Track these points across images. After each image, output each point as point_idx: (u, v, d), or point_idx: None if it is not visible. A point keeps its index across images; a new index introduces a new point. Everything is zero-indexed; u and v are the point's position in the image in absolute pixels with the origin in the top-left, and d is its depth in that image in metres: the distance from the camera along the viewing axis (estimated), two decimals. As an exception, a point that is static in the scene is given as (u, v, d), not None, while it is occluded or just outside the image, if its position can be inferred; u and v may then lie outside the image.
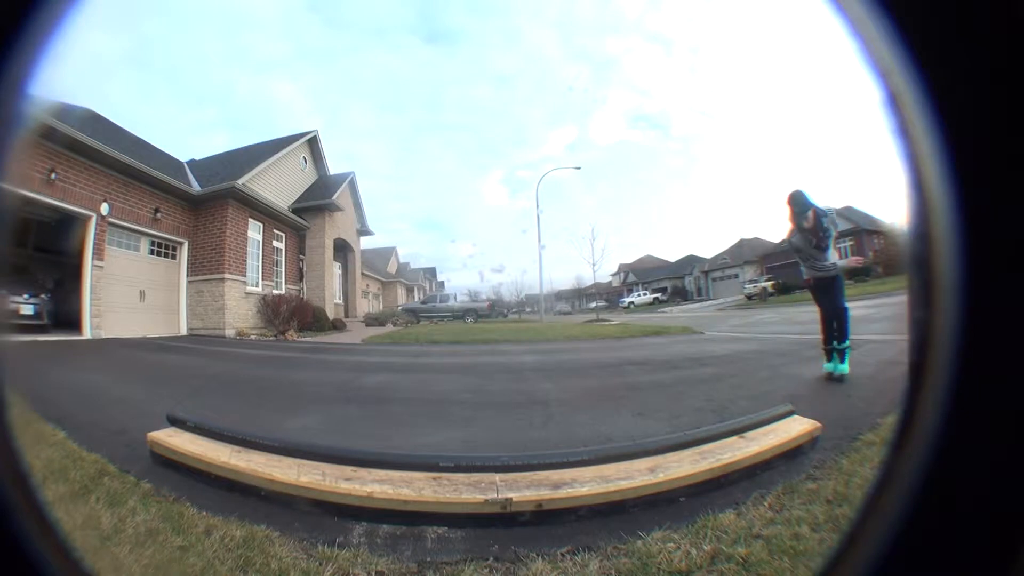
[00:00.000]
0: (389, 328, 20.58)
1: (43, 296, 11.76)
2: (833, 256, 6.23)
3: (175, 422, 3.71)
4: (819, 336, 6.11)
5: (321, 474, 2.98)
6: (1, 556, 0.74)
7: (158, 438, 3.51)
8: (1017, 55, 0.59)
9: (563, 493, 2.76)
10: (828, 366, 5.86)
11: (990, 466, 0.62)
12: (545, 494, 2.74)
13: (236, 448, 3.32)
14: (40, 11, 0.73)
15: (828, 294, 6.21)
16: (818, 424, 3.44)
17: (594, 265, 28.45)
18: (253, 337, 16.09)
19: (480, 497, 2.71)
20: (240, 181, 16.63)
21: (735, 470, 3.04)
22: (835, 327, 6.01)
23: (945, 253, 0.64)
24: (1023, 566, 0.60)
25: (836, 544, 0.82)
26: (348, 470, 3.02)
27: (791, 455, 3.23)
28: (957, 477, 0.64)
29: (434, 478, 2.91)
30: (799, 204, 6.15)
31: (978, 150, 0.62)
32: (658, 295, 34.04)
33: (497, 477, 2.91)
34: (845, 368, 5.70)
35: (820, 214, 6.09)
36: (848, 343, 5.88)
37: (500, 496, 2.71)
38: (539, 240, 25.28)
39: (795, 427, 3.46)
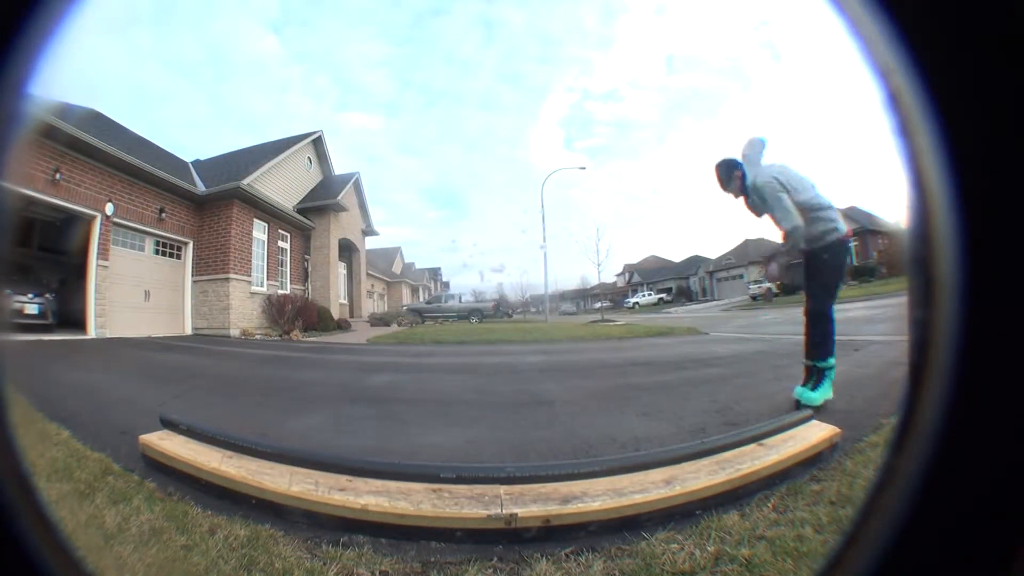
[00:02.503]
0: (394, 328, 20.63)
1: (48, 296, 11.82)
2: (792, 220, 4.46)
3: (168, 424, 3.63)
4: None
5: (314, 483, 2.84)
6: (1, 556, 0.74)
7: (150, 441, 3.42)
8: (1017, 55, 0.59)
9: (573, 508, 2.59)
10: (798, 391, 4.44)
11: (990, 466, 0.62)
12: (553, 509, 2.58)
13: (228, 453, 3.21)
14: (40, 11, 0.73)
15: (803, 284, 4.69)
16: (837, 429, 3.31)
17: (599, 265, 28.51)
18: (258, 337, 16.14)
19: (483, 512, 2.56)
20: (245, 181, 16.69)
21: (754, 480, 2.89)
22: (815, 335, 4.55)
23: (945, 253, 0.64)
24: (1023, 566, 0.60)
25: (837, 544, 0.82)
26: (343, 480, 2.87)
27: (810, 462, 3.09)
28: (957, 477, 0.64)
29: (434, 490, 2.76)
30: (724, 170, 4.93)
31: (978, 150, 0.62)
32: (663, 295, 34.05)
33: (502, 490, 2.74)
34: (816, 397, 4.31)
35: (742, 171, 4.81)
36: (831, 361, 4.44)
37: (505, 511, 2.55)
38: (544, 240, 25.34)
39: (814, 433, 3.32)
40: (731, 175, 4.87)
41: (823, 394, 4.38)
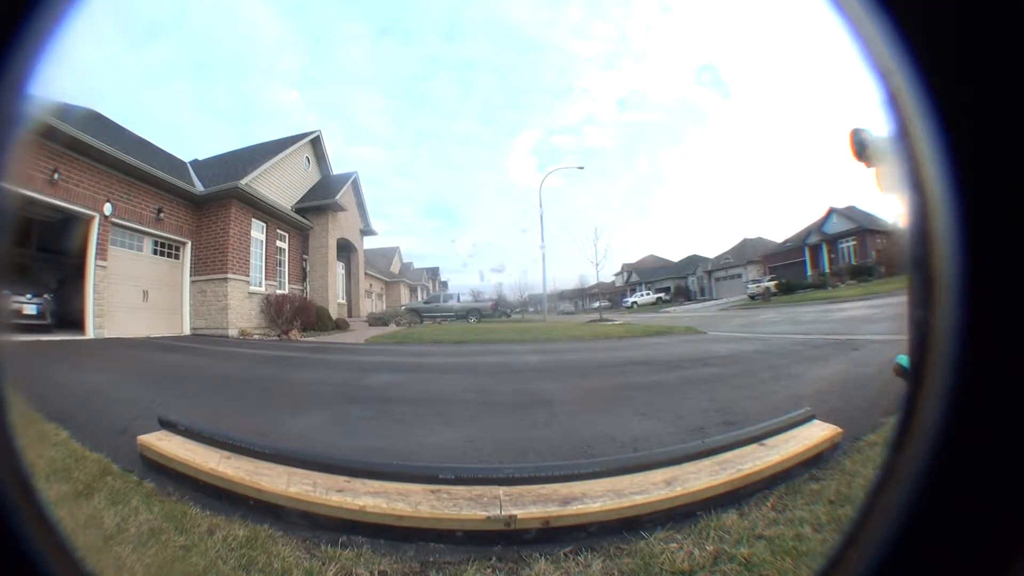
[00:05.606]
0: (392, 328, 20.58)
1: (46, 296, 11.78)
2: None
3: (166, 425, 3.61)
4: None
5: (312, 484, 2.82)
6: (1, 556, 0.74)
7: (148, 442, 3.39)
8: (1017, 55, 0.59)
9: (572, 509, 2.56)
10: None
11: (990, 466, 0.62)
12: (553, 511, 2.55)
13: (226, 454, 3.19)
14: (40, 11, 0.73)
15: None
16: (839, 429, 3.27)
17: (597, 265, 28.43)
18: (256, 337, 16.10)
19: (482, 514, 2.54)
20: (243, 181, 16.65)
21: (755, 480, 2.86)
22: None
23: (945, 253, 0.64)
24: (1023, 566, 0.60)
25: (837, 544, 0.82)
26: (341, 480, 2.85)
27: (812, 463, 3.06)
28: (957, 477, 0.64)
29: (432, 491, 2.73)
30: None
31: (978, 150, 0.62)
32: (661, 295, 33.89)
33: (501, 491, 2.72)
34: None
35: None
36: None
37: (504, 513, 2.53)
38: (542, 240, 25.28)
39: (816, 433, 3.29)
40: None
41: None
